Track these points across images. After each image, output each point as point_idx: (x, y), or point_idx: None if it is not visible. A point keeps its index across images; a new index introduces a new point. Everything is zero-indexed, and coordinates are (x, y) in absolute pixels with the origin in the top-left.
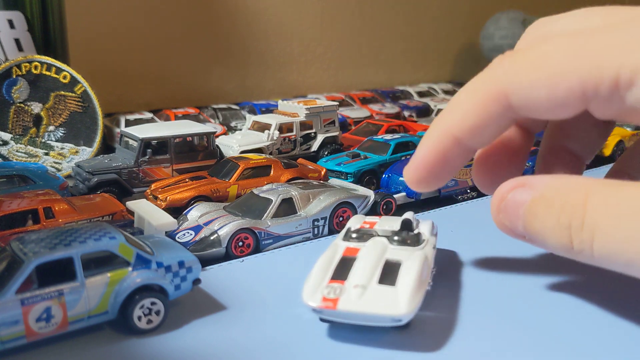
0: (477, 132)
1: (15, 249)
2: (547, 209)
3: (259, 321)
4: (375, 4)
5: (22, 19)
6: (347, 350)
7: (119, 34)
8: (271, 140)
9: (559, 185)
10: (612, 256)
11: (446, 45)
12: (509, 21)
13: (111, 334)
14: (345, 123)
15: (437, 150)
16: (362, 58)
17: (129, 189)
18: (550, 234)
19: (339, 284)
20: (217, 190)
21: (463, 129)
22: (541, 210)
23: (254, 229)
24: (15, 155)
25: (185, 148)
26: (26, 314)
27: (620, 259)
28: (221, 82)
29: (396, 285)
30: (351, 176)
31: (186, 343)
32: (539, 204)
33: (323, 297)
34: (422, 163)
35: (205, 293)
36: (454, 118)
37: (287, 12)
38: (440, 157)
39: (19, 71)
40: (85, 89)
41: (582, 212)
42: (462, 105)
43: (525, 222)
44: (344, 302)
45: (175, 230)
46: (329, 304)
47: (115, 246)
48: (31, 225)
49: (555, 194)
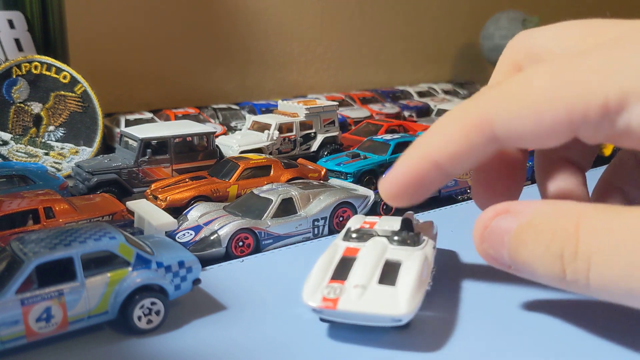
0: (459, 160)
1: (15, 249)
2: (535, 236)
3: (259, 321)
4: (375, 4)
5: (22, 19)
6: (347, 350)
7: (119, 34)
8: (271, 140)
9: (548, 211)
10: (610, 285)
11: (446, 45)
12: (509, 21)
13: (111, 334)
14: (345, 123)
15: (416, 172)
16: (362, 58)
17: (129, 189)
18: (539, 263)
19: (339, 284)
20: (217, 190)
21: (444, 156)
22: (529, 238)
23: (254, 229)
24: (15, 155)
25: (185, 148)
26: (26, 314)
27: (619, 288)
28: (221, 82)
29: (396, 285)
30: (351, 176)
31: (186, 343)
32: (526, 231)
33: (323, 297)
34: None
35: (205, 293)
36: (436, 143)
37: (287, 12)
38: (417, 179)
39: (19, 71)
40: (85, 89)
41: (574, 240)
42: (445, 131)
43: (512, 251)
44: (343, 302)
45: (175, 230)
46: (329, 304)
47: (115, 246)
48: (31, 225)
49: (544, 220)
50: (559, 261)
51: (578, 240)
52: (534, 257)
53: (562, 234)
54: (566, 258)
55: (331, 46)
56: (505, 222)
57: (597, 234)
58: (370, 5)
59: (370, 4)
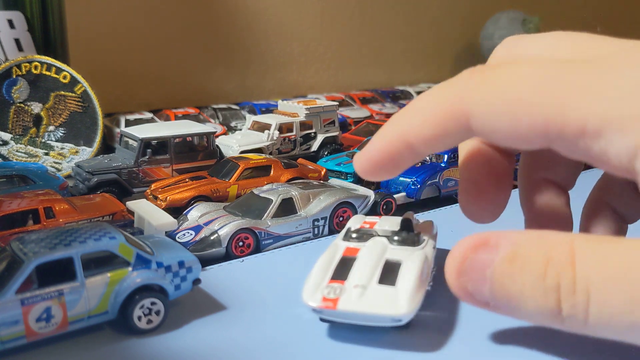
0: (433, 143)
1: (15, 249)
2: (525, 267)
3: (259, 321)
4: (375, 4)
5: (22, 19)
6: (347, 350)
7: (119, 34)
8: (271, 140)
9: (534, 241)
10: (611, 320)
11: (446, 45)
12: (509, 21)
13: (111, 334)
14: (345, 123)
15: (389, 151)
16: (362, 58)
17: (129, 189)
18: (530, 298)
19: (339, 284)
20: (217, 190)
21: (418, 138)
22: (517, 270)
23: (254, 229)
24: (15, 155)
25: (185, 148)
26: (26, 314)
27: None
28: (221, 82)
29: (396, 285)
30: (351, 176)
31: (186, 343)
32: (513, 262)
33: (323, 297)
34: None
35: (205, 293)
36: (412, 124)
37: (287, 12)
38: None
39: (19, 71)
40: (85, 89)
41: (571, 270)
42: (421, 112)
43: (496, 285)
44: (344, 302)
45: (175, 230)
46: (329, 304)
47: (115, 246)
48: (31, 225)
49: (533, 250)
50: (554, 295)
51: (575, 272)
52: (524, 291)
53: (557, 264)
54: (563, 291)
55: (331, 46)
56: (487, 254)
57: (595, 265)
58: (370, 5)
59: (370, 4)
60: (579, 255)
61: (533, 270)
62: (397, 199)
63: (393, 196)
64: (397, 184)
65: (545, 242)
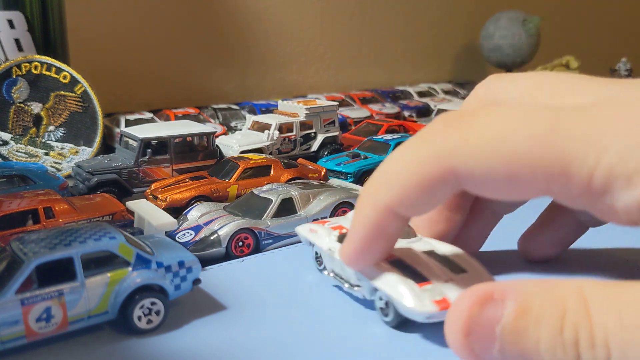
0: (419, 207)
1: (15, 249)
2: (540, 322)
3: (259, 321)
4: (375, 4)
5: (22, 19)
6: (347, 350)
7: (119, 34)
8: (271, 140)
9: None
10: None
11: (446, 45)
12: (509, 21)
13: (111, 334)
14: (345, 123)
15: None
16: (362, 58)
17: (129, 189)
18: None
19: (428, 284)
20: (217, 190)
21: (403, 205)
22: (531, 325)
23: (254, 229)
24: (15, 155)
25: (185, 148)
26: (26, 314)
27: None
28: (221, 82)
29: (469, 271)
30: (351, 176)
31: (186, 343)
32: (525, 317)
33: (433, 300)
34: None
35: (205, 293)
36: (392, 193)
37: (287, 12)
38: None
39: (19, 71)
40: (85, 89)
41: (588, 323)
42: (399, 179)
43: (507, 343)
44: (453, 299)
45: (175, 230)
46: (444, 305)
47: (115, 246)
48: (31, 225)
49: (546, 301)
50: (573, 350)
51: (592, 324)
52: (539, 348)
53: (573, 316)
54: (582, 345)
55: (331, 46)
56: (494, 310)
57: (610, 314)
58: (370, 5)
59: (370, 4)
60: (593, 305)
61: (549, 324)
62: None
63: None
64: None
65: (557, 292)
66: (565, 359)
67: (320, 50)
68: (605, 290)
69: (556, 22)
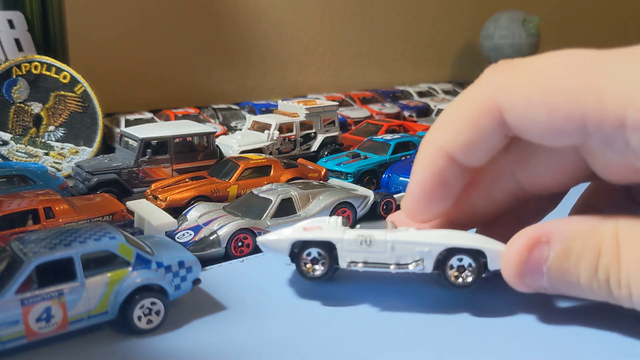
0: (472, 148)
1: (15, 249)
2: (579, 263)
3: (259, 321)
4: (375, 4)
5: (22, 19)
6: (347, 351)
7: (119, 34)
8: (271, 140)
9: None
10: None
11: (446, 45)
12: (509, 21)
13: (111, 334)
14: (345, 123)
15: (433, 172)
16: (362, 58)
17: (129, 189)
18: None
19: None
20: (217, 190)
21: (456, 146)
22: (572, 265)
23: (253, 229)
24: (15, 155)
25: (185, 148)
26: (26, 314)
27: None
28: (221, 82)
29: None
30: (351, 176)
31: (186, 343)
32: (566, 259)
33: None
34: (419, 190)
35: (205, 293)
36: (446, 135)
37: (287, 12)
38: (437, 180)
39: (19, 71)
40: (85, 89)
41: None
42: (453, 120)
43: (553, 279)
44: None
45: (175, 230)
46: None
47: (115, 246)
48: (31, 225)
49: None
50: (605, 287)
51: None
52: (579, 282)
53: (605, 259)
54: (612, 284)
55: (331, 46)
56: (540, 252)
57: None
58: (370, 5)
59: (370, 4)
60: (623, 249)
61: (586, 265)
62: (397, 199)
63: (393, 196)
64: (397, 183)
65: (595, 236)
66: (600, 292)
67: (320, 50)
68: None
69: (556, 22)
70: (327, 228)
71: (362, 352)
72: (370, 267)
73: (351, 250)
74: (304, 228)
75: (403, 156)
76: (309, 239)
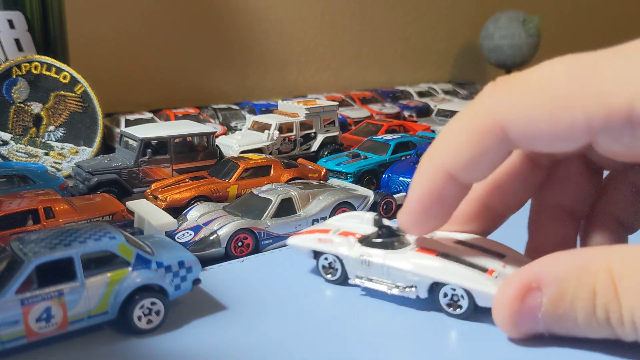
0: (472, 167)
1: (15, 249)
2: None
3: (259, 321)
4: (375, 4)
5: (22, 19)
6: (347, 350)
7: (119, 34)
8: (271, 140)
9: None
10: None
11: (446, 45)
12: (509, 21)
13: (111, 334)
14: (345, 123)
15: (431, 189)
16: (362, 58)
17: (129, 189)
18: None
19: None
20: (217, 190)
21: (457, 165)
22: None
23: (253, 229)
24: (15, 155)
25: (185, 148)
26: (26, 314)
27: None
28: (221, 82)
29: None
30: (351, 176)
31: (186, 343)
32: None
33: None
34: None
35: (205, 293)
36: (447, 153)
37: (287, 12)
38: (435, 197)
39: (19, 71)
40: (85, 89)
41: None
42: (454, 138)
43: (550, 324)
44: None
45: (175, 230)
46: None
47: (115, 246)
48: (31, 225)
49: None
50: (606, 326)
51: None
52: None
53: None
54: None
55: (331, 46)
56: (533, 299)
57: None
58: (370, 5)
59: (370, 4)
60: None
61: (582, 306)
62: (397, 199)
63: (393, 196)
64: (397, 183)
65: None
66: (601, 331)
67: (320, 50)
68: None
69: (556, 22)
70: (338, 242)
71: (362, 352)
72: (373, 285)
73: (356, 267)
74: (319, 240)
75: (403, 156)
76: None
